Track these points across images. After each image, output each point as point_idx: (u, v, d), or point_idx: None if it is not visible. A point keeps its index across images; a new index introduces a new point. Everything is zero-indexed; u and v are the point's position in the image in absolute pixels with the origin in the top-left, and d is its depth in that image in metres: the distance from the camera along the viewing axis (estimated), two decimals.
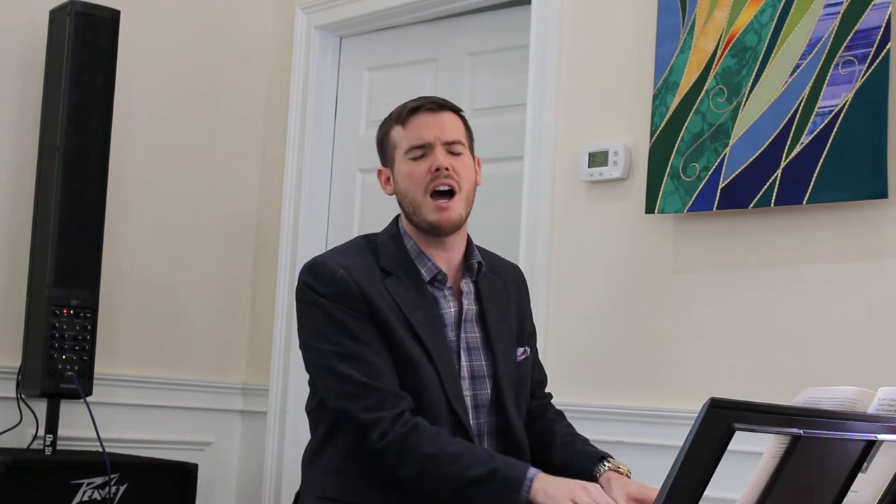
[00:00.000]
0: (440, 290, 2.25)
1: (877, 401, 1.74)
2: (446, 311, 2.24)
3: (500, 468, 2.01)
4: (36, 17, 3.72)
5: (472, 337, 2.26)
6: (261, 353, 4.19)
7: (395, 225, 2.30)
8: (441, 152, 2.20)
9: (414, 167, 2.21)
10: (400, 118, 2.25)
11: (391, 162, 2.27)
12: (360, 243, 2.28)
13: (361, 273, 2.18)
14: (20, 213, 3.68)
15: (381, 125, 2.32)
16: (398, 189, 2.25)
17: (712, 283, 3.02)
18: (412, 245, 2.25)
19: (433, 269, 2.24)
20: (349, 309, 2.14)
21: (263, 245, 4.25)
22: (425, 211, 2.20)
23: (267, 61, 4.31)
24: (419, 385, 2.15)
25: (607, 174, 3.23)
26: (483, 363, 2.25)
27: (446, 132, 2.22)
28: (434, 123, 2.22)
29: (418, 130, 2.21)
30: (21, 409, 3.56)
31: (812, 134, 2.77)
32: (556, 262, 3.32)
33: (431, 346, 2.17)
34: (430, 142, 2.21)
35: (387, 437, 2.06)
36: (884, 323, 2.71)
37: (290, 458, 4.04)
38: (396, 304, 2.17)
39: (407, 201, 2.23)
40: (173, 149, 4.07)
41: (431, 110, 2.24)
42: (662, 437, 2.97)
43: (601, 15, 3.35)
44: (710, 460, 1.41)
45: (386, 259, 2.23)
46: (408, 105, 2.27)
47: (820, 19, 2.79)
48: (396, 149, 2.25)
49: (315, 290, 2.17)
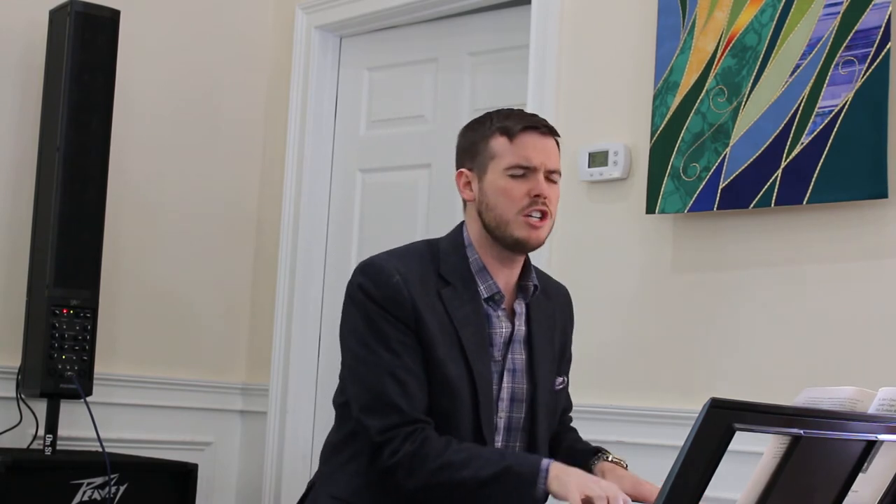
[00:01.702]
0: (494, 309, 2.22)
1: (877, 401, 1.74)
2: (497, 330, 2.22)
3: (513, 464, 2.01)
4: (36, 17, 3.72)
5: (519, 359, 2.24)
6: (261, 353, 4.19)
7: (459, 234, 2.26)
8: (543, 179, 2.17)
9: (513, 185, 2.16)
10: (508, 131, 2.18)
11: (481, 169, 2.20)
12: (420, 249, 2.24)
13: (417, 282, 2.15)
14: (20, 213, 3.68)
15: (477, 128, 2.25)
16: (484, 199, 2.19)
17: (712, 283, 3.02)
18: (475, 259, 2.22)
19: (493, 287, 2.21)
20: (394, 318, 2.12)
21: (263, 245, 4.25)
22: (514, 227, 2.16)
23: (267, 61, 4.31)
24: (451, 405, 2.13)
25: (607, 174, 3.23)
26: (524, 387, 2.24)
27: (551, 160, 2.19)
28: (542, 148, 2.18)
29: (526, 151, 2.17)
30: (21, 409, 3.56)
31: (812, 134, 2.77)
32: (556, 262, 3.32)
33: (476, 365, 2.15)
34: (535, 166, 2.16)
35: (397, 455, 2.06)
36: (884, 323, 2.71)
37: (290, 458, 4.04)
38: (449, 317, 2.15)
39: (492, 215, 2.18)
40: (173, 149, 4.07)
41: (542, 133, 2.19)
42: (662, 437, 2.97)
43: (601, 15, 3.35)
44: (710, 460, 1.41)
45: (446, 268, 2.20)
46: (517, 119, 2.20)
47: (820, 19, 2.79)
48: (494, 159, 2.18)
49: (366, 291, 2.14)
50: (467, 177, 2.23)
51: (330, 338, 4.09)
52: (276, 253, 4.17)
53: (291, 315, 4.09)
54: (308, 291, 4.12)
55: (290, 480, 4.00)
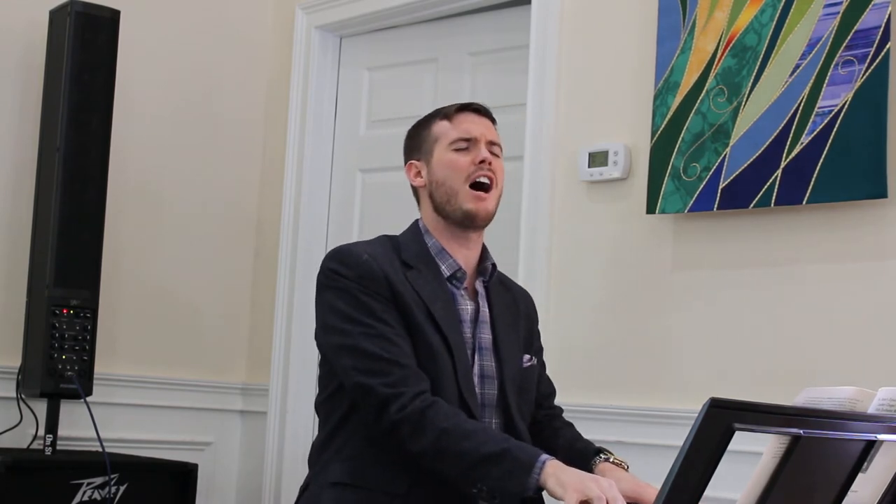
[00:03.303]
0: (457, 287, 2.31)
1: (877, 401, 1.74)
2: (463, 308, 2.30)
3: (514, 448, 2.02)
4: (36, 18, 3.72)
5: (485, 338, 2.31)
6: (261, 353, 4.19)
7: (415, 225, 2.39)
8: (484, 149, 2.31)
9: (457, 157, 2.31)
10: (446, 115, 2.36)
11: (427, 154, 2.35)
12: (382, 240, 2.36)
13: (385, 261, 2.25)
14: (20, 213, 3.68)
15: (419, 123, 2.42)
16: (433, 178, 2.33)
17: (712, 283, 3.02)
18: (433, 242, 2.33)
19: (454, 265, 2.31)
20: (374, 292, 2.20)
21: (263, 245, 4.25)
22: (462, 199, 2.29)
23: (267, 61, 4.31)
24: (435, 373, 2.19)
25: (607, 174, 3.23)
26: (492, 364, 2.30)
27: (490, 133, 2.36)
28: (480, 122, 2.36)
29: (466, 125, 2.34)
30: (21, 409, 3.56)
31: (812, 134, 2.77)
32: (556, 262, 3.32)
33: (451, 337, 2.22)
34: (476, 137, 2.32)
35: (405, 410, 2.09)
36: (884, 323, 2.71)
37: (290, 458, 4.04)
38: (417, 295, 2.23)
39: (442, 190, 2.31)
40: (173, 149, 4.07)
41: (478, 112, 2.38)
42: (662, 437, 2.97)
43: (601, 15, 3.35)
44: (710, 460, 1.41)
45: (407, 254, 2.30)
46: (452, 104, 2.39)
47: (820, 19, 2.79)
48: (438, 141, 2.34)
49: (341, 273, 2.22)
50: (416, 167, 2.38)
51: None
52: (276, 253, 4.17)
53: (291, 315, 4.09)
54: (308, 291, 4.08)
55: (290, 480, 4.00)
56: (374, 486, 2.16)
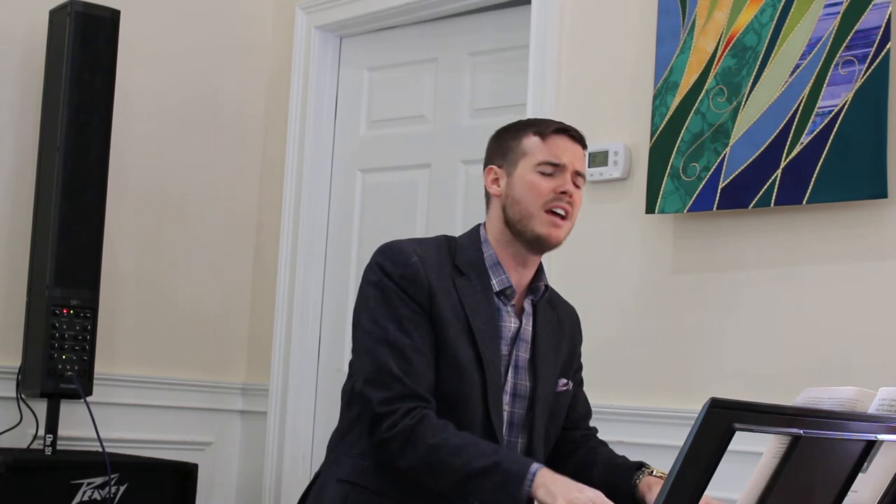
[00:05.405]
0: (504, 304, 2.28)
1: (877, 401, 1.74)
2: (506, 324, 2.27)
3: (504, 461, 2.02)
4: (36, 18, 3.72)
5: (523, 357, 2.29)
6: (261, 353, 4.19)
7: (476, 231, 2.33)
8: (570, 179, 2.25)
9: (540, 181, 2.23)
10: (541, 132, 2.27)
11: (511, 165, 2.28)
12: (438, 240, 2.31)
13: (434, 266, 2.21)
14: (20, 213, 3.68)
15: (510, 129, 2.33)
16: (511, 193, 2.26)
17: (712, 283, 3.02)
18: (490, 253, 2.28)
19: (505, 281, 2.26)
20: (409, 297, 2.17)
21: (263, 245, 4.25)
22: (536, 223, 2.23)
23: (267, 61, 4.31)
24: (461, 389, 2.17)
25: (607, 174, 3.23)
26: (527, 383, 2.28)
27: (579, 162, 2.28)
28: (572, 151, 2.27)
29: (557, 150, 2.25)
30: (21, 409, 3.56)
31: (812, 134, 2.77)
32: (556, 262, 3.32)
33: (485, 353, 2.19)
34: (564, 164, 2.24)
35: (395, 428, 2.09)
36: (884, 323, 2.71)
37: (290, 458, 4.04)
38: (461, 305, 2.20)
39: (517, 209, 2.25)
40: (173, 149, 4.07)
41: (573, 138, 2.29)
42: (662, 437, 2.97)
43: (601, 15, 3.35)
44: (710, 460, 1.41)
45: (462, 259, 2.26)
46: (550, 122, 2.31)
47: (820, 19, 2.79)
48: (525, 156, 2.26)
49: (385, 270, 2.19)
50: (496, 173, 2.30)
51: (330, 338, 4.09)
52: (276, 253, 4.17)
53: (291, 315, 4.09)
54: (308, 291, 4.12)
55: (290, 480, 4.01)
56: (377, 489, 2.17)
